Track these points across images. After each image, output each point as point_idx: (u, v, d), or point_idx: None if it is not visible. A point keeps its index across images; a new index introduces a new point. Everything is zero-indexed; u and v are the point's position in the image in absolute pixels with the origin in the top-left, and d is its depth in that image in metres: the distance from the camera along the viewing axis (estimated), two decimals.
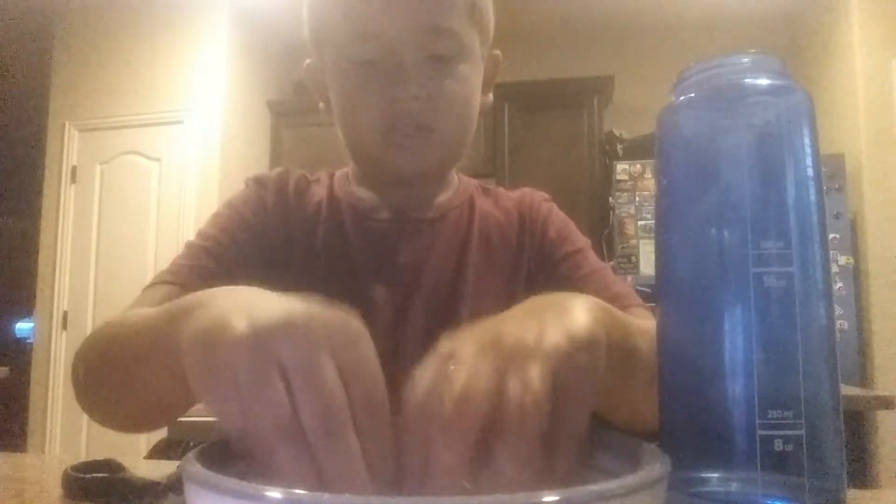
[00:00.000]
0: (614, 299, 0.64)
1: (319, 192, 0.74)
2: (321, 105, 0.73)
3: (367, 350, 0.33)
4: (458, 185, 0.77)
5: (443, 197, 0.75)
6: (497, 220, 0.74)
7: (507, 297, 0.70)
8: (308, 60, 0.73)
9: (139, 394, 0.47)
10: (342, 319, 0.33)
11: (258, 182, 0.74)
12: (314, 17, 0.69)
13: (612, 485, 0.25)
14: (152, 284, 0.65)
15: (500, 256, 0.72)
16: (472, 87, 0.68)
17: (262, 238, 0.69)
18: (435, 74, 0.64)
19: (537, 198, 0.77)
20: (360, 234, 0.71)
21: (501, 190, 0.79)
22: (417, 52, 0.63)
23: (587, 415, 0.33)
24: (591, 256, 0.72)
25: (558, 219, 0.75)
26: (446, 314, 0.68)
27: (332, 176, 0.77)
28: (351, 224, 0.72)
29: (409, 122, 0.63)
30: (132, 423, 0.57)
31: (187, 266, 0.65)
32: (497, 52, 0.74)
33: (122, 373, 0.47)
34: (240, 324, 0.32)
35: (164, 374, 0.40)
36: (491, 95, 0.74)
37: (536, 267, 0.72)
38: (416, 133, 0.64)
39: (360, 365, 0.32)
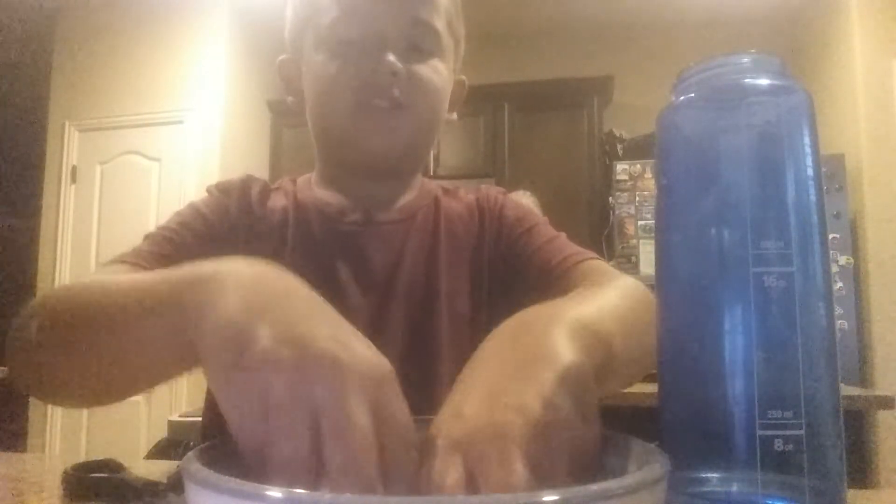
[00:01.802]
0: (568, 258, 0.68)
1: (283, 199, 0.74)
2: (290, 99, 0.75)
3: (399, 396, 0.33)
4: (422, 187, 0.79)
5: (408, 198, 0.76)
6: (460, 213, 0.77)
7: (475, 284, 0.73)
8: (282, 56, 0.75)
9: (113, 359, 0.43)
10: (376, 362, 0.33)
11: (221, 190, 0.74)
12: (301, 2, 0.72)
13: (612, 485, 0.25)
14: (110, 262, 0.63)
15: (466, 247, 0.75)
16: (445, 83, 0.71)
17: (225, 242, 0.68)
18: (414, 61, 0.67)
19: (493, 191, 0.80)
20: (330, 238, 0.71)
21: (461, 189, 0.82)
22: (401, 38, 0.66)
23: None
24: (546, 228, 0.75)
25: (514, 204, 0.79)
26: (424, 314, 0.69)
27: (294, 182, 0.78)
28: (319, 228, 0.72)
29: (385, 97, 0.65)
30: (86, 393, 0.51)
31: (147, 252, 0.64)
32: (463, 77, 0.77)
33: (99, 334, 0.44)
34: (283, 347, 0.31)
35: (156, 342, 0.38)
36: (455, 115, 0.77)
37: (497, 247, 0.74)
38: (390, 108, 0.66)
39: (393, 414, 0.32)
